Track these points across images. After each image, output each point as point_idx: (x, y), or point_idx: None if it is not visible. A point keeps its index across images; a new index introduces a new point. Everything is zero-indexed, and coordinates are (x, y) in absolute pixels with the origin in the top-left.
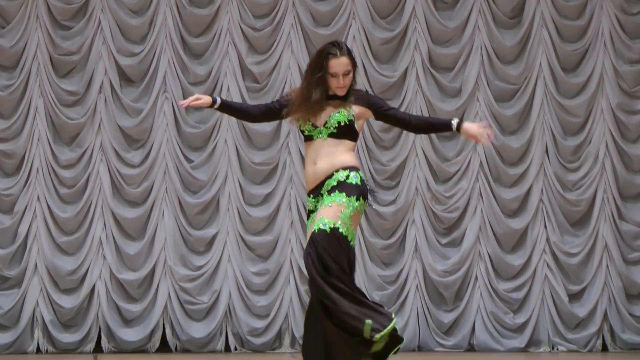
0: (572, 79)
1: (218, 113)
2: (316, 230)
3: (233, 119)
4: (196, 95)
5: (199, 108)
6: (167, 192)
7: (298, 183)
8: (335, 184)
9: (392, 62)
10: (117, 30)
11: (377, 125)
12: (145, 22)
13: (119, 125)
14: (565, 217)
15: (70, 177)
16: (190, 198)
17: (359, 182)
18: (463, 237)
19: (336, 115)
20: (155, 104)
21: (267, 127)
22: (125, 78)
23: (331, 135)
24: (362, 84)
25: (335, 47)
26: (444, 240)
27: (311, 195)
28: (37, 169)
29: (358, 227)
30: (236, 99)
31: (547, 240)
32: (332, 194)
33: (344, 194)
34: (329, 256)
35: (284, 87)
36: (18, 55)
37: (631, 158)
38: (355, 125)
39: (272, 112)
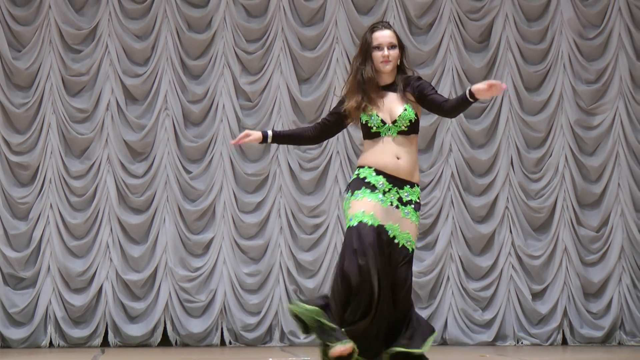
0: (535, 98)
1: (214, 128)
2: (400, 244)
3: (228, 134)
4: (246, 132)
5: (197, 124)
6: (167, 200)
7: (287, 192)
8: (417, 200)
9: None
10: (122, 53)
11: (358, 137)
12: (148, 46)
13: (124, 140)
14: (528, 222)
15: (80, 187)
16: (189, 206)
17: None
18: (436, 241)
19: (405, 114)
20: (157, 120)
21: None
22: (130, 96)
23: (401, 132)
24: None
25: (379, 23)
26: (418, 244)
27: (382, 177)
28: (50, 179)
29: None
30: (231, 115)
31: (512, 243)
32: (417, 212)
33: (420, 217)
34: (403, 282)
35: (274, 104)
36: (33, 76)
37: (588, 169)
38: (422, 103)
39: (329, 126)
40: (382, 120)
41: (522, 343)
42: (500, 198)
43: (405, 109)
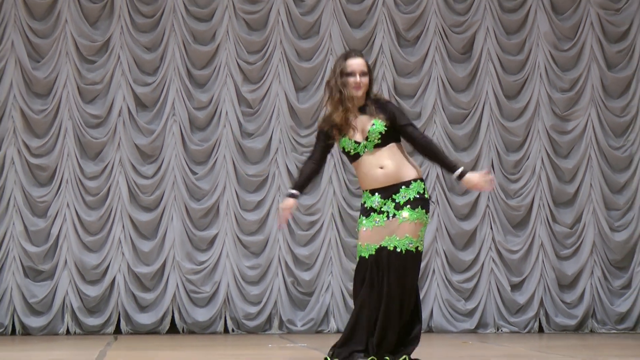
0: (513, 105)
1: (218, 133)
2: (403, 251)
3: (230, 138)
4: (283, 209)
5: (202, 129)
6: (175, 199)
7: (285, 191)
8: (417, 196)
9: None
10: (133, 63)
11: None
12: (157, 57)
13: (135, 143)
14: (507, 220)
15: (94, 187)
16: (194, 204)
17: (428, 195)
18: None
19: (374, 128)
20: (166, 125)
21: (259, 144)
22: (140, 104)
23: (376, 145)
24: None
25: (352, 51)
26: None
27: (377, 194)
28: (67, 180)
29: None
30: (233, 121)
31: (493, 239)
32: (415, 209)
33: (424, 211)
34: (405, 283)
35: (273, 111)
36: (51, 84)
37: (563, 171)
38: (393, 128)
39: (322, 155)
40: (355, 142)
41: (501, 331)
42: (481, 197)
43: (374, 124)
